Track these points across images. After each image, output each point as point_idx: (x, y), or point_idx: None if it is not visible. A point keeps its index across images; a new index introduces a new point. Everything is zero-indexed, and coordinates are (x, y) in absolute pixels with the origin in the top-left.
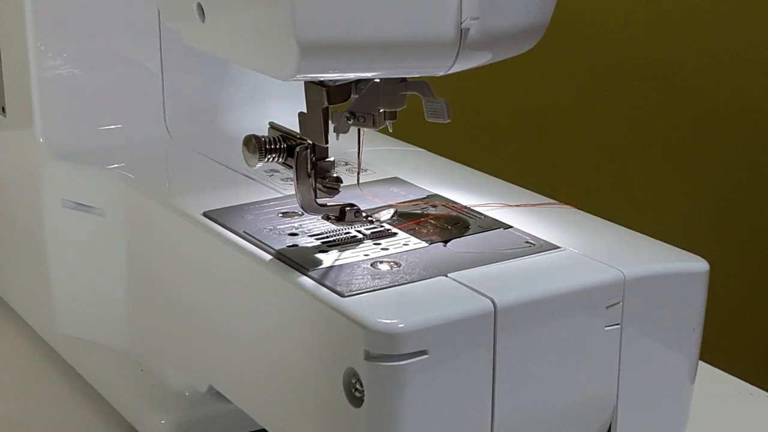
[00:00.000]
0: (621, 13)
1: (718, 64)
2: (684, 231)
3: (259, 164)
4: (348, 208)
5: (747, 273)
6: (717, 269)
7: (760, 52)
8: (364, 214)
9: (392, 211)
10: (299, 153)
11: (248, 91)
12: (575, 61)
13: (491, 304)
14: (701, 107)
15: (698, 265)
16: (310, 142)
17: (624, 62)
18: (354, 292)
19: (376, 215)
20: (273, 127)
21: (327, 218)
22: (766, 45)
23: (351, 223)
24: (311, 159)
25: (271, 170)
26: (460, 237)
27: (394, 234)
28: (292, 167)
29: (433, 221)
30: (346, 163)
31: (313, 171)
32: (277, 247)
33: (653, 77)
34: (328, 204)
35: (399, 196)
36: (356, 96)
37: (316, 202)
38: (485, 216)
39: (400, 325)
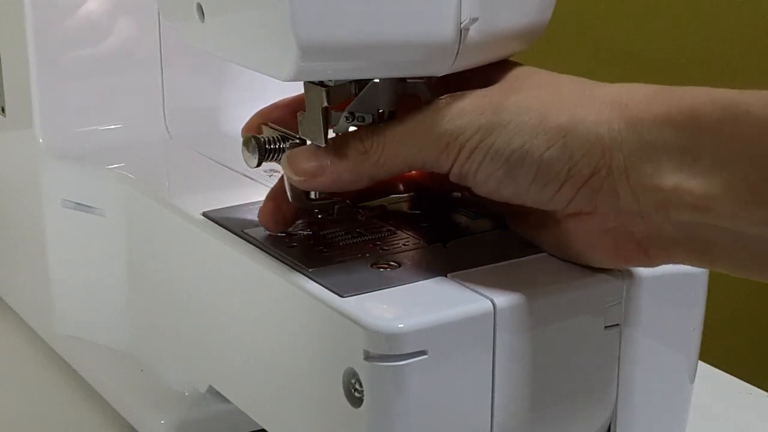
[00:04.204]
0: (621, 12)
1: (716, 61)
2: None
3: (259, 164)
4: (338, 205)
5: None
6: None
7: (758, 50)
8: (354, 209)
9: (382, 206)
10: (290, 149)
11: (248, 91)
12: (575, 60)
13: (491, 304)
14: None
15: None
16: (309, 141)
17: (624, 61)
18: (353, 293)
19: (366, 212)
20: (271, 127)
21: (318, 213)
22: (765, 43)
23: (340, 218)
24: None
25: (271, 170)
26: (459, 237)
27: (394, 234)
28: None
29: (427, 219)
30: None
31: None
32: (276, 248)
33: (653, 76)
34: (319, 199)
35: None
36: (356, 96)
37: (307, 197)
38: (484, 216)
39: (399, 325)
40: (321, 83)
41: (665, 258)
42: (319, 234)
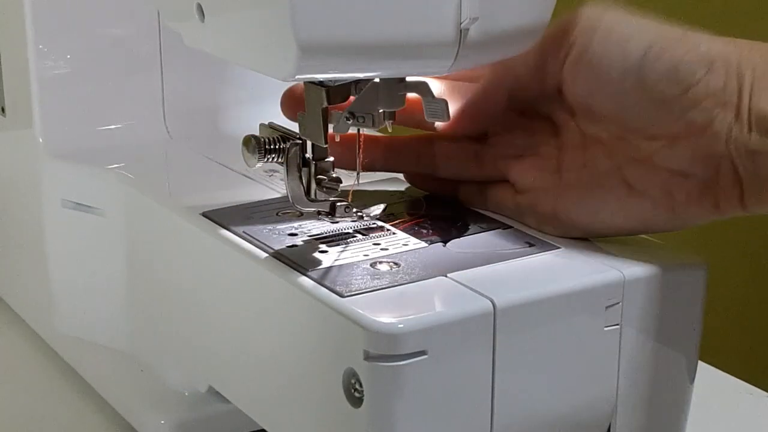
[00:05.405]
0: None
1: None
2: (683, 231)
3: (259, 164)
4: (338, 204)
5: (747, 273)
6: (717, 269)
7: None
8: (354, 209)
9: (382, 206)
10: (290, 148)
11: (248, 91)
12: None
13: (491, 304)
14: None
15: (697, 264)
16: (309, 141)
17: None
18: (353, 292)
19: (365, 210)
20: (271, 126)
21: (318, 213)
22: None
23: (341, 218)
24: (302, 155)
25: (271, 170)
26: (459, 237)
27: (394, 234)
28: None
29: (427, 219)
30: None
31: (305, 167)
32: (276, 248)
33: None
34: (319, 199)
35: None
36: (356, 96)
37: (306, 197)
38: (484, 216)
39: (399, 326)
40: (321, 83)
41: (756, 198)
42: (320, 234)
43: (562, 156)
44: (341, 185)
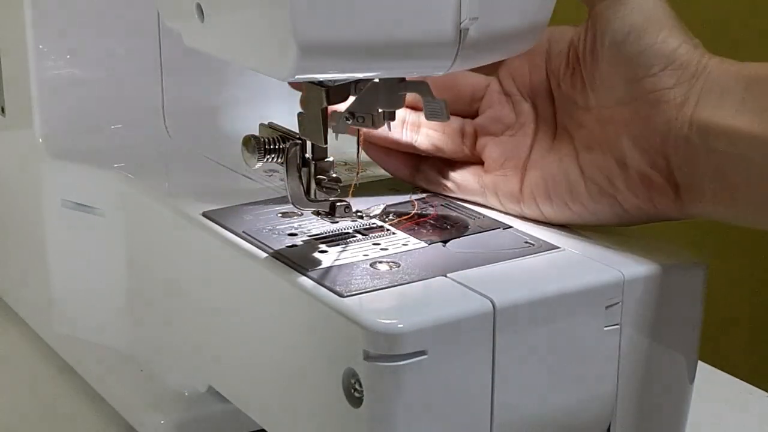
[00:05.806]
0: None
1: None
2: (683, 230)
3: (259, 164)
4: (338, 204)
5: (747, 273)
6: (717, 269)
7: (758, 48)
8: (354, 210)
9: (382, 206)
10: (289, 149)
11: (248, 91)
12: None
13: (490, 304)
14: None
15: (696, 264)
16: (309, 141)
17: None
18: (353, 292)
19: (365, 211)
20: (271, 126)
21: (317, 213)
22: (766, 44)
23: (341, 218)
24: (302, 155)
25: (271, 170)
26: (459, 237)
27: (394, 234)
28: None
29: (427, 219)
30: (346, 163)
31: (305, 167)
32: (276, 247)
33: None
34: (319, 199)
35: (396, 195)
36: (355, 96)
37: (306, 197)
38: (484, 216)
39: (399, 326)
40: (321, 83)
41: (691, 198)
42: (320, 234)
43: (534, 141)
44: (341, 185)
